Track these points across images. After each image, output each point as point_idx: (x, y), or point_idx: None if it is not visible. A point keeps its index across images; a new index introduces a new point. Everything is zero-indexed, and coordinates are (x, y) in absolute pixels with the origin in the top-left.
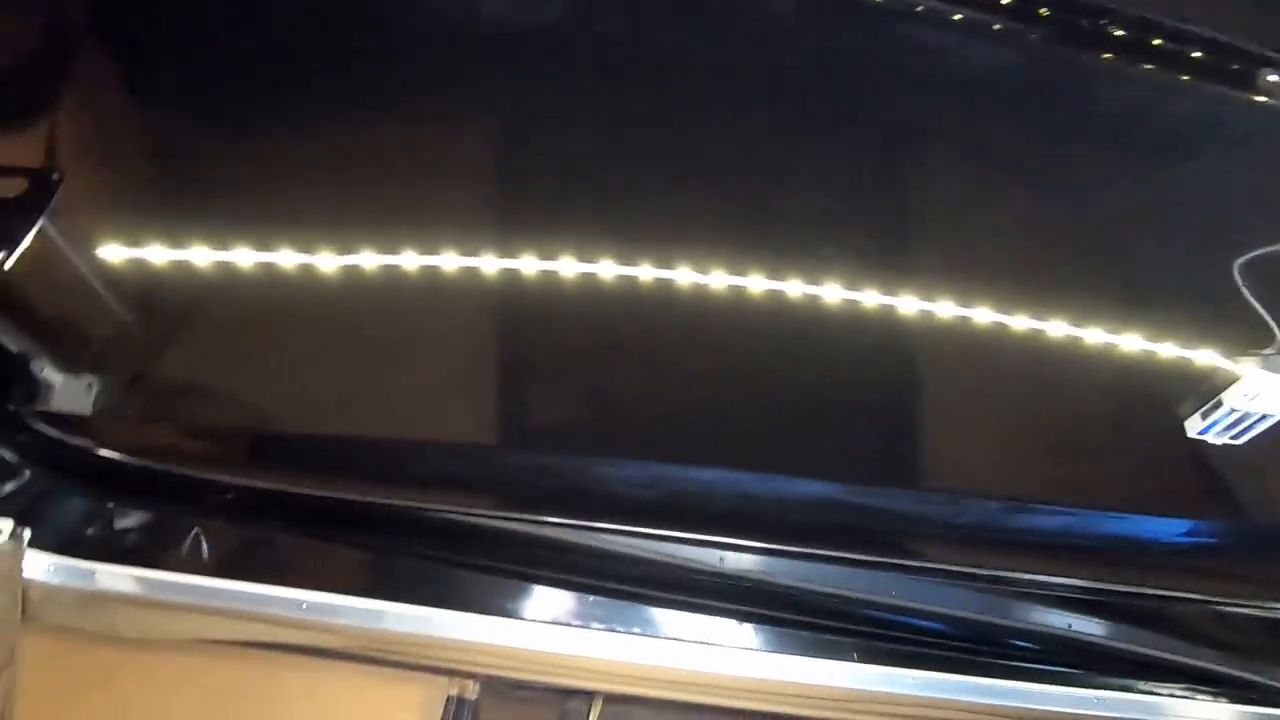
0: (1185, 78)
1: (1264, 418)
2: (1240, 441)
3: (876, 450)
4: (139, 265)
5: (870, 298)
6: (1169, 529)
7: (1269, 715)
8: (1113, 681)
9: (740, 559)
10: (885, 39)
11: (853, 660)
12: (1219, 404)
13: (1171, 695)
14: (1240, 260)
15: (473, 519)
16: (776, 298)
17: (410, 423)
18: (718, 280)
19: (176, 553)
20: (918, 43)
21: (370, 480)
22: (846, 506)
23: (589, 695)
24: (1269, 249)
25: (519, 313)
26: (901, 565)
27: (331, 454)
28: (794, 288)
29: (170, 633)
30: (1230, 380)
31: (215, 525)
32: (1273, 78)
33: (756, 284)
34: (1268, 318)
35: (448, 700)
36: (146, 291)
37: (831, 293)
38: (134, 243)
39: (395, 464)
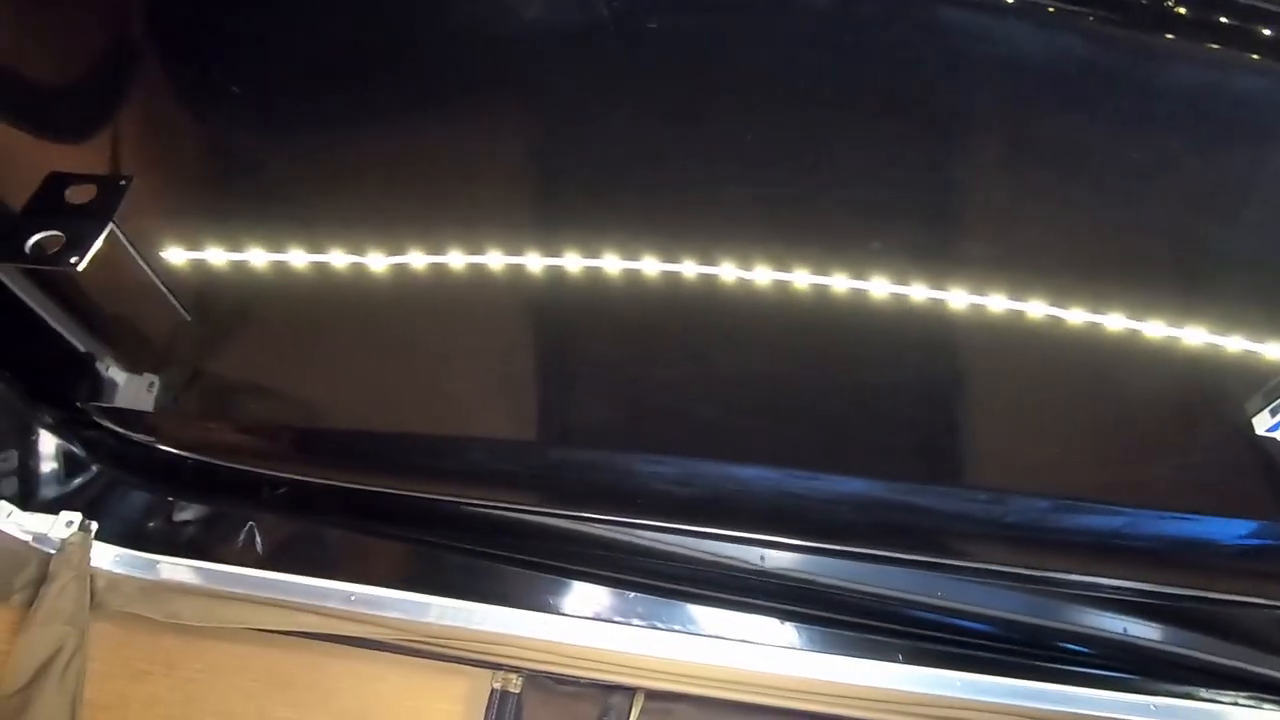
0: (1254, 56)
1: None
2: None
3: (923, 448)
4: (199, 267)
5: (917, 292)
6: (1231, 530)
7: None
8: (1171, 688)
9: (781, 557)
10: (936, 25)
11: (898, 661)
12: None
13: (1235, 704)
14: None
15: (515, 514)
16: (820, 293)
17: (454, 419)
18: (760, 276)
19: (233, 545)
20: (973, 27)
21: (416, 475)
22: (889, 505)
23: (631, 691)
24: None
25: (561, 310)
26: (948, 565)
27: (378, 450)
28: (838, 283)
29: (227, 621)
30: None
31: (268, 519)
32: None
33: (800, 279)
34: None
35: (491, 693)
36: (206, 292)
37: (877, 288)
38: (195, 245)
39: (440, 459)
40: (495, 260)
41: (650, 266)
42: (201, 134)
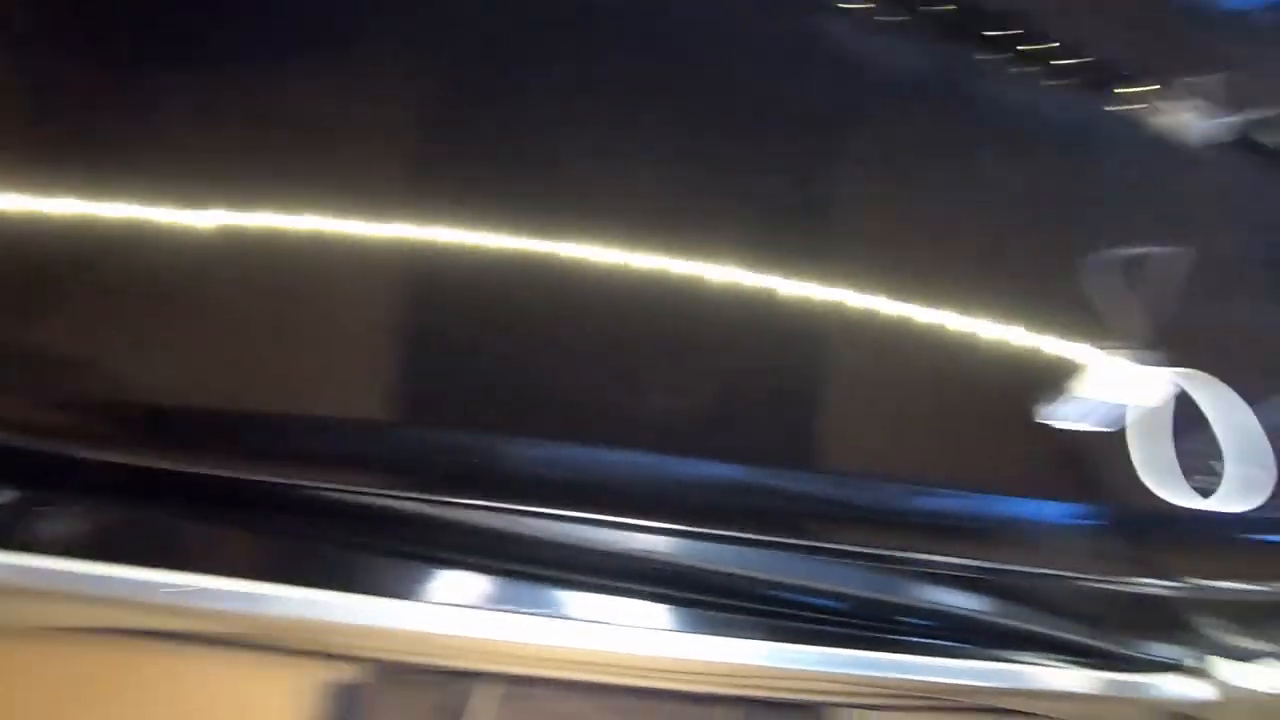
0: (1089, 88)
1: (1112, 404)
2: (1092, 427)
3: (783, 432)
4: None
5: (775, 281)
6: (1041, 510)
7: (1123, 681)
8: (994, 654)
9: (646, 540)
10: (800, 29)
11: (757, 638)
12: (1081, 391)
13: (1043, 665)
14: (1107, 256)
15: (364, 498)
16: (690, 280)
17: (300, 396)
18: (635, 257)
19: (33, 533)
20: (835, 35)
21: (255, 457)
22: (752, 488)
23: (489, 679)
24: (1134, 249)
25: (425, 283)
26: (805, 546)
27: (210, 428)
28: (704, 270)
29: (21, 620)
30: (1094, 369)
31: (75, 504)
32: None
33: (671, 264)
34: (1128, 311)
35: (329, 686)
36: (14, 250)
37: (739, 273)
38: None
39: (281, 439)
40: (354, 226)
41: (518, 239)
42: (18, 76)
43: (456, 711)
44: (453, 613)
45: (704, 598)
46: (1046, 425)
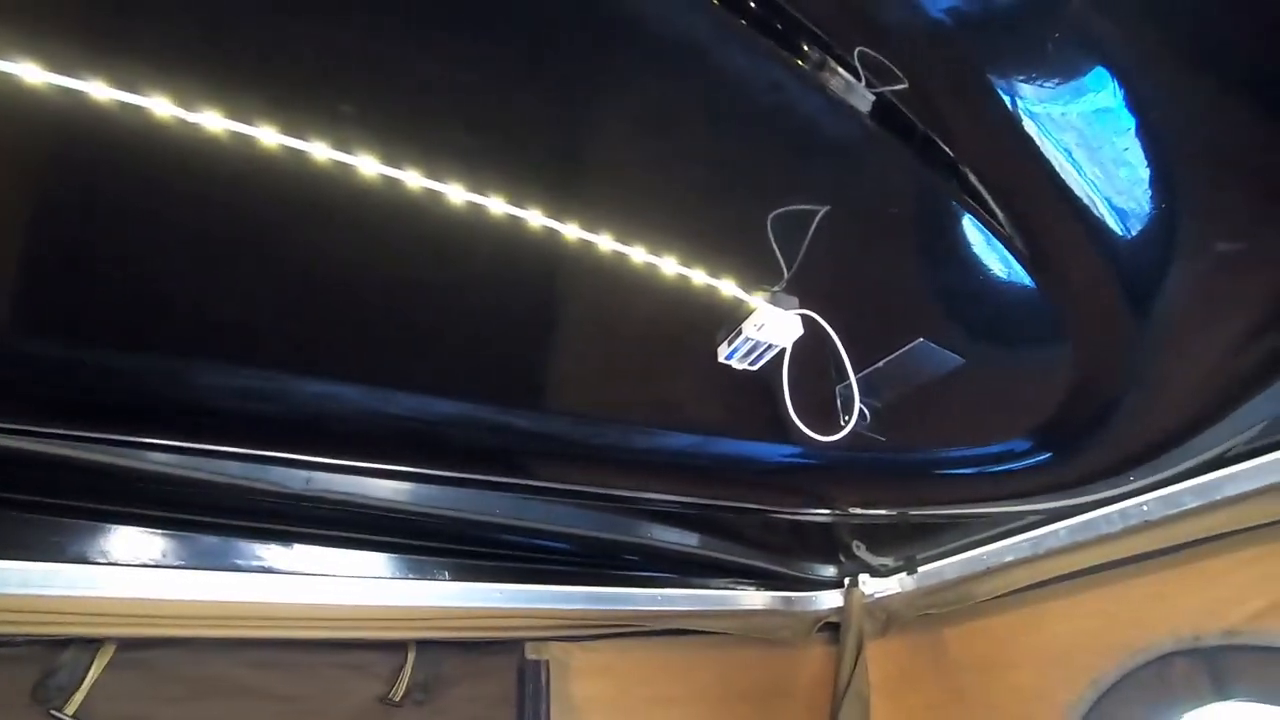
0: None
1: (770, 346)
2: (756, 367)
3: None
4: None
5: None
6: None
7: (792, 597)
8: (696, 581)
9: (330, 479)
10: None
11: (444, 579)
12: (739, 333)
13: (735, 588)
14: (772, 214)
15: None
16: (417, 213)
17: None
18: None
19: None
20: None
21: None
22: (457, 424)
23: (93, 644)
24: (792, 207)
25: (91, 191)
26: (502, 484)
27: None
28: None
29: None
30: (760, 316)
31: None
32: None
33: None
34: (782, 262)
35: None
36: None
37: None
38: None
39: None
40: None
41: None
42: None
43: (67, 687)
44: (61, 570)
45: (391, 540)
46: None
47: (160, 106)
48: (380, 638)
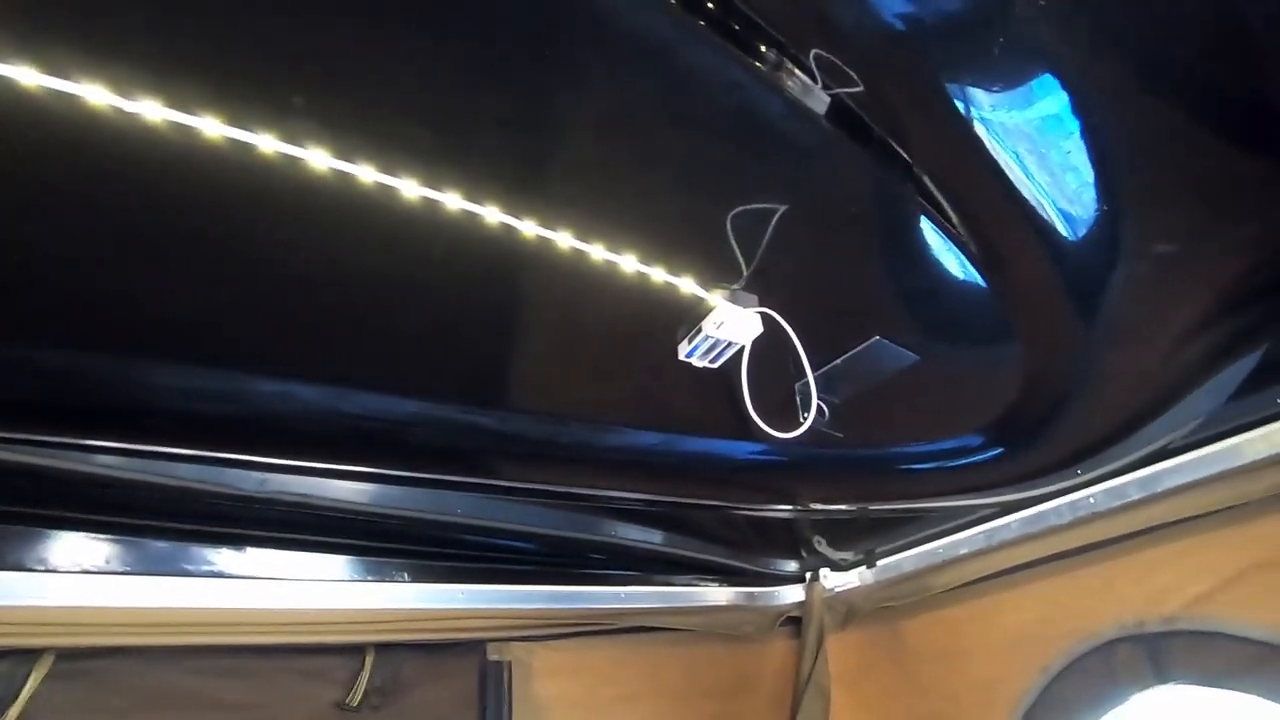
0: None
1: (730, 344)
2: (716, 365)
3: (442, 368)
4: None
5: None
6: (687, 446)
7: (755, 593)
8: (659, 579)
9: (285, 481)
10: None
11: (403, 581)
12: (699, 331)
13: (698, 585)
14: (731, 212)
15: None
16: (375, 210)
17: None
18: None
19: None
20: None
21: None
22: (417, 423)
23: (31, 655)
24: (752, 205)
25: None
26: (470, 484)
27: None
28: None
29: None
30: (720, 315)
31: None
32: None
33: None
34: (741, 260)
35: None
36: None
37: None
38: None
39: None
40: None
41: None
42: None
43: (3, 700)
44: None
45: (349, 542)
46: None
47: (95, 94)
48: (337, 642)
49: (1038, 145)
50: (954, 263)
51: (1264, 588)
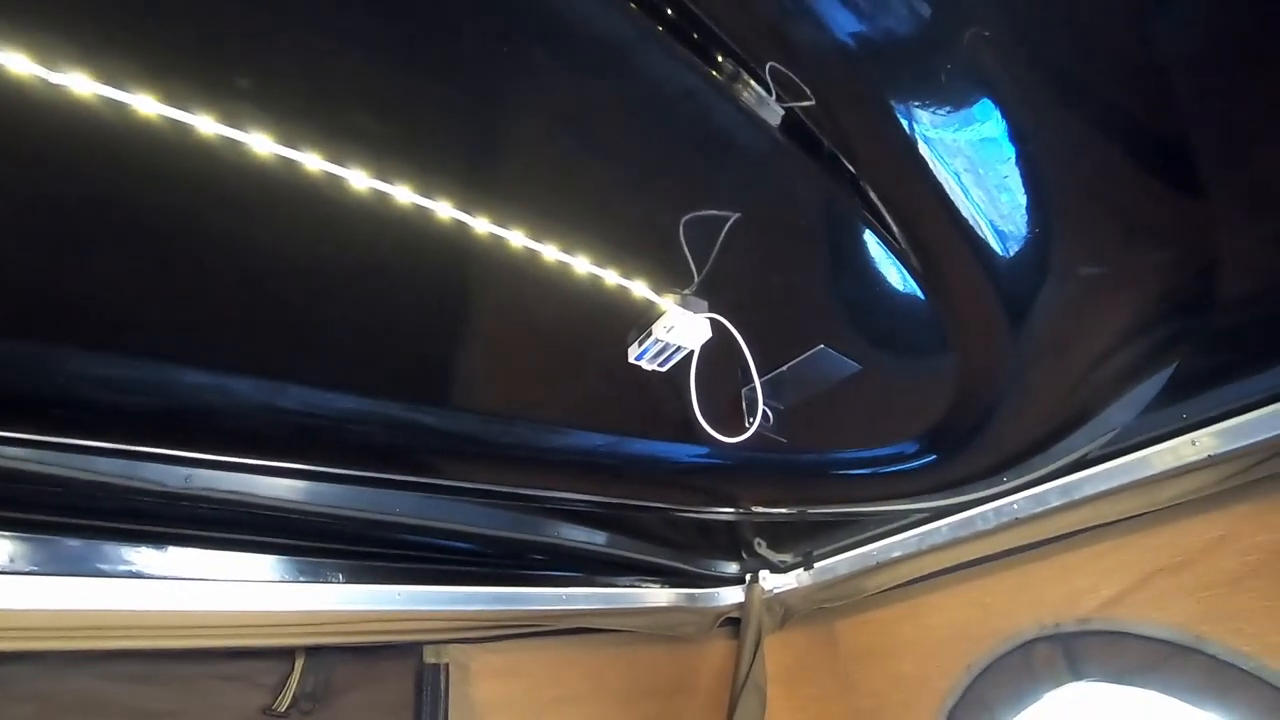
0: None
1: (679, 348)
2: (665, 369)
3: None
4: None
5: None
6: (634, 449)
7: (696, 594)
8: (603, 580)
9: (213, 477)
10: None
11: (338, 582)
12: (649, 334)
13: (641, 586)
14: (684, 218)
15: None
16: (313, 199)
17: None
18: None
19: None
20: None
21: None
22: (358, 420)
23: None
24: (704, 212)
25: None
26: (412, 483)
27: None
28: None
29: None
30: (670, 320)
31: None
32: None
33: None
34: (693, 265)
35: None
36: None
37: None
38: None
39: None
40: None
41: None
42: None
43: None
44: None
45: (281, 541)
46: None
47: (15, 63)
48: (265, 645)
49: (976, 166)
50: (896, 275)
51: (1167, 591)
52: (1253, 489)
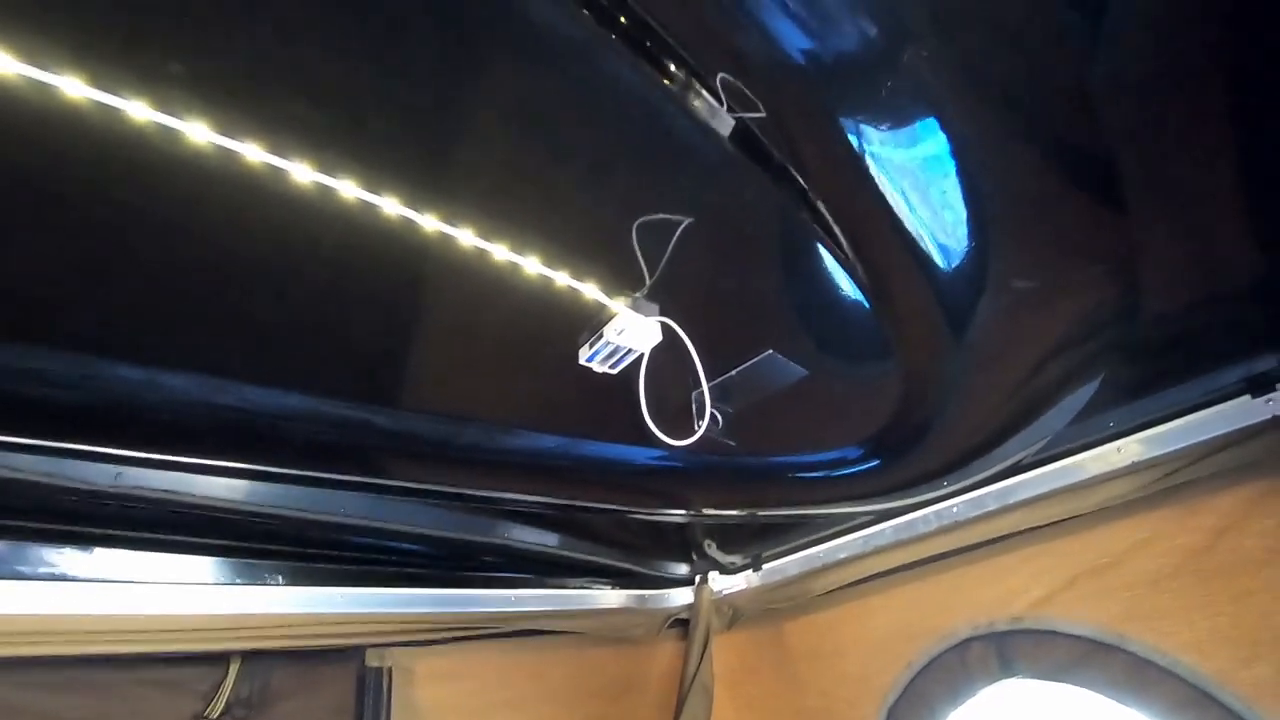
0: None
1: (630, 351)
2: (615, 371)
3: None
4: None
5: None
6: (585, 451)
7: (645, 595)
8: (554, 581)
9: (144, 475)
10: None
11: (277, 584)
12: (600, 336)
13: (592, 588)
14: (637, 222)
15: None
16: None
17: None
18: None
19: None
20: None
21: None
22: (301, 418)
23: None
24: (657, 216)
25: None
26: (357, 483)
27: None
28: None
29: None
30: (620, 324)
31: None
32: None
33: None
34: (645, 269)
35: None
36: None
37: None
38: None
39: None
40: None
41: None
42: None
43: None
44: None
45: (216, 542)
46: (590, 374)
47: None
48: (198, 650)
49: (920, 182)
50: (843, 285)
51: (1093, 591)
52: (1174, 494)
